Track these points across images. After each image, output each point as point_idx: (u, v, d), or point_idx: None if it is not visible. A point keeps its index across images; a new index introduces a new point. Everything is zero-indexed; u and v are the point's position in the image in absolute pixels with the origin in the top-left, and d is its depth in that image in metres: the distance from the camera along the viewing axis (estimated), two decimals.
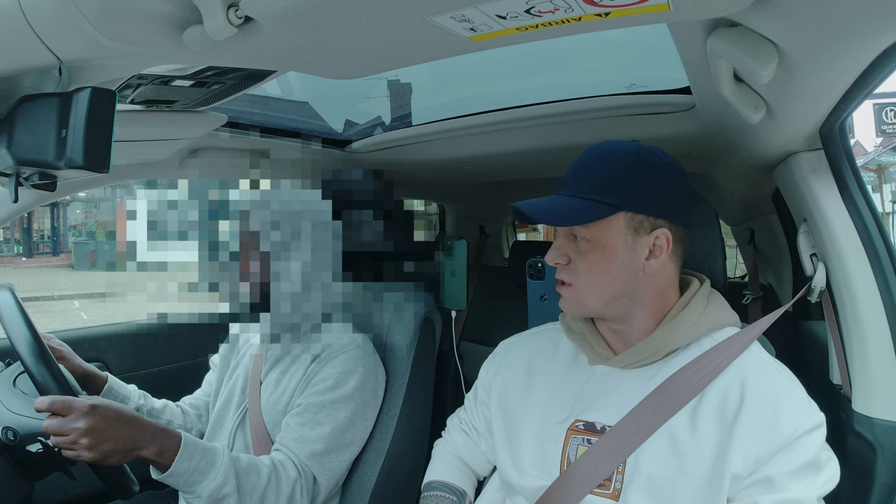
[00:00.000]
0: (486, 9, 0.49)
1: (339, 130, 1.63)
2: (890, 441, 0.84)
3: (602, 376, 0.85)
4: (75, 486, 1.29)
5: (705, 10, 0.53)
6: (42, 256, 17.43)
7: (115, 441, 0.89)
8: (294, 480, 1.06)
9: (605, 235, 0.79)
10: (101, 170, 0.60)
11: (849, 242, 0.88)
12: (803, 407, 0.74)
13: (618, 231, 0.79)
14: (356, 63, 0.67)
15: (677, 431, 0.76)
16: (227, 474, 0.98)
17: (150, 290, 1.18)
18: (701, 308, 0.83)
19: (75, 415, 0.87)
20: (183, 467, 0.95)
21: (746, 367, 0.78)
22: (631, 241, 0.79)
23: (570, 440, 0.83)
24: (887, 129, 12.10)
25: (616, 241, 0.79)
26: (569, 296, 0.83)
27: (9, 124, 0.62)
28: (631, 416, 0.79)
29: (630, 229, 0.79)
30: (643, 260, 0.79)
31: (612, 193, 0.78)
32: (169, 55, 0.64)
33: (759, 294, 1.62)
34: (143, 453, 0.92)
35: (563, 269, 0.83)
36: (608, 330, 0.87)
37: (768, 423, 0.72)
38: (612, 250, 0.79)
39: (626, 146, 0.81)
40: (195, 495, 0.97)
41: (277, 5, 0.48)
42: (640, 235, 0.79)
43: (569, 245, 0.82)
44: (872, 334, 0.87)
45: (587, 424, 0.83)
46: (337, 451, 1.12)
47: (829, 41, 0.54)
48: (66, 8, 0.49)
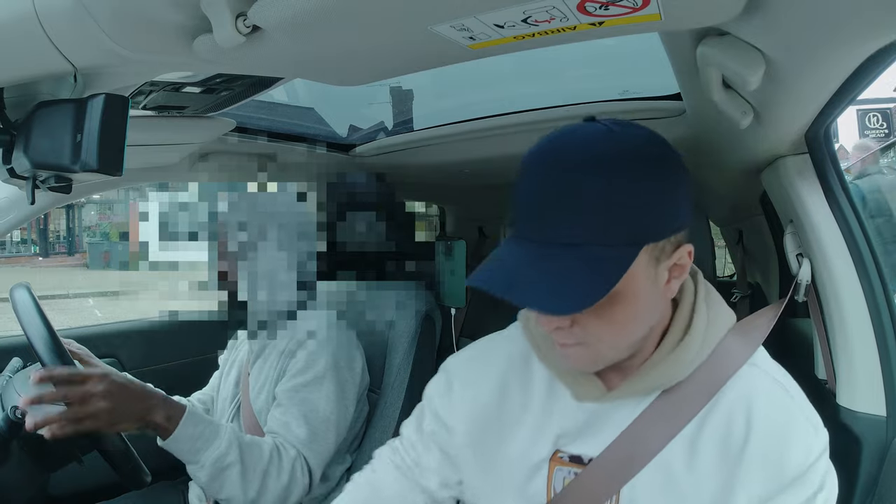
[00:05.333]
0: (485, 18, 0.49)
1: (344, 135, 1.63)
2: (873, 434, 0.84)
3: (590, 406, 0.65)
4: (89, 477, 1.29)
5: (695, 20, 0.53)
6: (58, 256, 17.43)
7: (128, 405, 0.91)
8: (294, 459, 1.05)
9: (624, 285, 0.53)
10: (114, 173, 0.60)
11: (833, 243, 0.88)
12: (811, 433, 0.60)
13: (640, 271, 0.55)
14: (360, 70, 0.67)
15: (674, 465, 0.61)
16: (230, 443, 0.98)
17: (162, 289, 1.18)
18: (704, 320, 0.63)
19: (94, 380, 0.89)
20: (188, 432, 0.95)
21: (752, 388, 0.61)
22: (653, 273, 0.57)
23: (556, 472, 0.66)
24: (870, 134, 12.09)
25: (639, 284, 0.55)
26: (580, 356, 0.60)
27: (26, 129, 0.62)
28: (621, 443, 0.62)
29: (652, 261, 0.56)
30: (664, 285, 0.58)
31: (627, 223, 0.53)
32: (180, 63, 0.64)
33: (747, 293, 1.62)
34: (153, 417, 0.93)
35: (566, 332, 0.58)
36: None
37: (777, 460, 0.58)
38: (635, 296, 0.56)
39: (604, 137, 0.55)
40: (199, 465, 0.96)
41: (284, 15, 0.48)
42: (662, 261, 0.57)
43: None
44: (856, 331, 0.87)
45: (573, 457, 0.66)
46: (321, 434, 1.10)
47: (814, 49, 0.54)
48: (82, 18, 0.49)
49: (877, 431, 0.84)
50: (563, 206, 0.53)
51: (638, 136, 0.57)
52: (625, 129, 0.57)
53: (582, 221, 0.53)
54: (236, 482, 0.98)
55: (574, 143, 0.55)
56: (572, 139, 0.56)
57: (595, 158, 0.53)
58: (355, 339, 1.24)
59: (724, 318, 0.66)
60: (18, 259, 16.51)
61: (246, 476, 0.99)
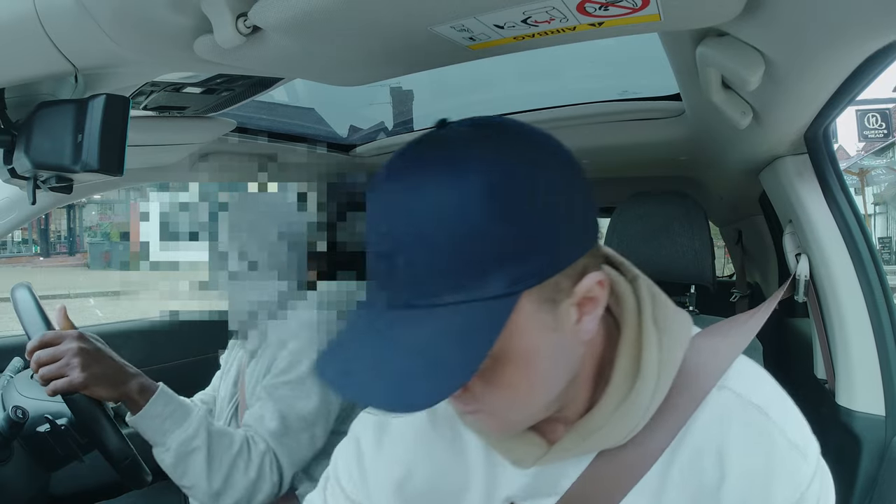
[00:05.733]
0: (485, 19, 0.49)
1: (344, 135, 1.63)
2: (872, 433, 0.84)
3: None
4: (90, 476, 1.29)
5: (695, 21, 0.53)
6: (59, 256, 17.44)
7: (102, 367, 0.90)
8: (263, 453, 1.03)
9: (507, 343, 0.41)
10: (115, 173, 0.60)
11: (832, 243, 0.88)
12: (797, 460, 0.49)
13: (527, 321, 0.41)
14: (360, 71, 0.67)
15: None
16: (198, 428, 0.96)
17: (163, 289, 1.18)
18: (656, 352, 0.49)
19: (68, 339, 0.88)
20: (157, 410, 0.93)
21: (722, 420, 0.49)
22: (550, 319, 0.42)
23: None
24: (869, 135, 12.11)
25: (530, 338, 0.42)
26: (487, 423, 0.48)
27: (27, 130, 0.62)
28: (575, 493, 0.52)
29: (546, 305, 0.42)
30: (573, 325, 0.44)
31: (496, 270, 0.39)
32: (180, 63, 0.64)
33: (746, 292, 1.62)
34: (128, 387, 0.92)
35: (459, 399, 0.46)
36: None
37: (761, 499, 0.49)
38: (530, 353, 0.43)
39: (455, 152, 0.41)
40: (165, 447, 0.94)
41: (284, 16, 0.48)
42: (561, 300, 0.43)
43: None
44: (855, 331, 0.87)
45: None
46: (294, 431, 1.07)
47: (813, 50, 0.54)
48: (82, 18, 0.49)
49: (876, 431, 0.84)
50: (404, 259, 0.40)
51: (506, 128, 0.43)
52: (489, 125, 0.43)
53: (428, 280, 0.40)
54: (201, 469, 0.96)
55: (419, 166, 0.42)
56: (413, 163, 0.42)
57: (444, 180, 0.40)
58: None
59: (682, 333, 0.52)
60: (19, 259, 16.52)
61: (211, 465, 0.97)
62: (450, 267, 0.39)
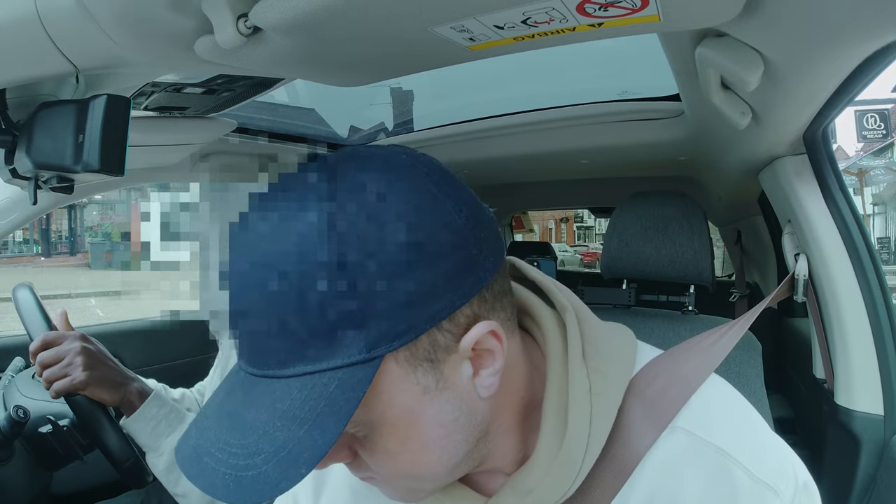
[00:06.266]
0: (485, 20, 0.49)
1: (344, 136, 1.63)
2: (871, 433, 0.84)
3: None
4: (91, 476, 1.29)
5: (694, 21, 0.53)
6: (60, 256, 17.44)
7: (104, 368, 0.90)
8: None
9: (380, 407, 0.36)
10: (116, 173, 0.60)
11: (831, 243, 0.88)
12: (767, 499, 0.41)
13: (399, 385, 0.36)
14: (360, 71, 0.67)
15: None
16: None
17: (163, 289, 1.18)
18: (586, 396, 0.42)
19: (70, 338, 0.88)
20: (152, 412, 0.92)
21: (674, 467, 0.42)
22: (433, 381, 0.37)
23: None
24: (868, 135, 12.11)
25: (407, 402, 0.36)
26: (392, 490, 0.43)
27: (28, 130, 0.62)
28: None
29: (422, 365, 0.36)
30: (469, 381, 0.39)
31: (347, 334, 0.34)
32: (181, 64, 0.64)
33: (745, 292, 1.62)
34: (128, 389, 0.92)
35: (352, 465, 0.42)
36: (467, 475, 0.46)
37: None
38: (411, 418, 0.37)
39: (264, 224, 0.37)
40: (158, 452, 0.93)
41: (285, 16, 0.48)
42: (443, 359, 0.37)
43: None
44: (854, 330, 0.87)
45: None
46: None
47: (812, 51, 0.54)
48: (83, 19, 0.49)
49: (874, 430, 0.84)
50: (242, 316, 0.36)
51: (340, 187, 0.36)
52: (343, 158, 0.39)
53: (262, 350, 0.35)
54: None
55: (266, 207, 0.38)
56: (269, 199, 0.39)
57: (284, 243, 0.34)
58: None
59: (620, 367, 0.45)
60: (21, 259, 16.51)
61: None
62: (294, 332, 0.33)
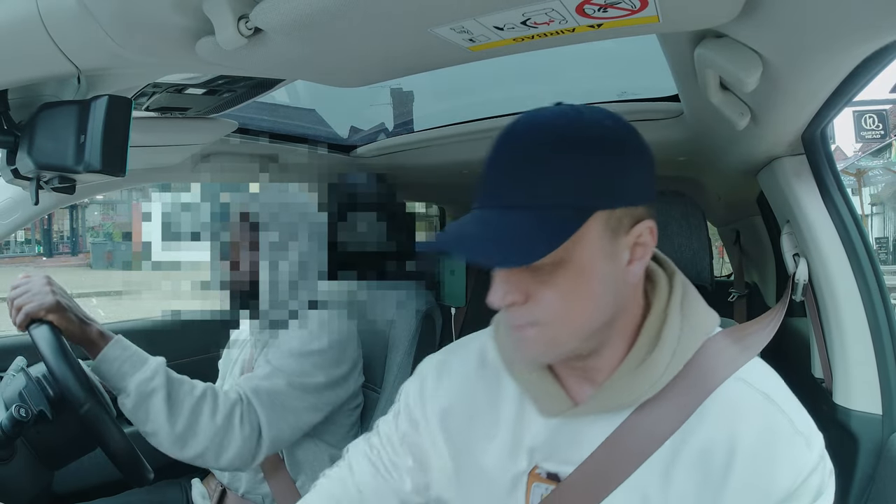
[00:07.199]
0: (485, 20, 0.49)
1: (345, 136, 1.63)
2: (869, 432, 0.84)
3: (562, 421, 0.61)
4: (92, 475, 1.29)
5: (693, 22, 0.53)
6: (61, 256, 17.44)
7: (69, 301, 0.96)
8: (234, 403, 1.01)
9: (577, 251, 0.52)
10: (117, 173, 0.60)
11: (830, 243, 0.88)
12: (802, 450, 0.54)
13: (593, 240, 0.52)
14: (361, 72, 0.67)
15: (649, 489, 0.56)
16: (156, 371, 0.97)
17: (165, 289, 1.18)
18: (676, 330, 0.57)
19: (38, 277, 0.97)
20: (116, 353, 0.95)
21: (736, 409, 0.55)
22: (609, 247, 0.53)
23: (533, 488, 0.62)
24: (866, 136, 12.10)
25: (593, 255, 0.52)
26: (536, 337, 0.55)
27: (30, 130, 0.62)
28: (590, 463, 0.58)
29: (608, 232, 0.53)
30: (625, 266, 0.54)
31: (576, 189, 0.52)
32: (182, 65, 0.64)
33: (744, 292, 1.62)
34: (90, 328, 0.97)
35: (520, 310, 0.54)
36: (569, 371, 0.61)
37: (764, 485, 0.53)
38: (589, 268, 0.53)
39: (561, 116, 0.55)
40: (125, 393, 0.95)
41: (285, 17, 0.48)
42: (619, 236, 0.54)
43: (521, 277, 0.53)
44: (852, 330, 0.87)
45: (550, 474, 0.61)
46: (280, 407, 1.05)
47: (810, 52, 0.54)
48: (85, 20, 0.50)
49: (872, 429, 0.84)
50: (516, 174, 0.53)
51: (595, 116, 0.55)
52: (588, 111, 0.56)
53: (533, 186, 0.52)
54: (161, 411, 0.95)
55: (535, 121, 0.56)
56: (535, 118, 0.56)
57: (549, 133, 0.54)
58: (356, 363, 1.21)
59: (704, 324, 0.60)
60: (22, 259, 16.51)
61: (172, 407, 0.96)
62: (551, 187, 0.52)
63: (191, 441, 0.97)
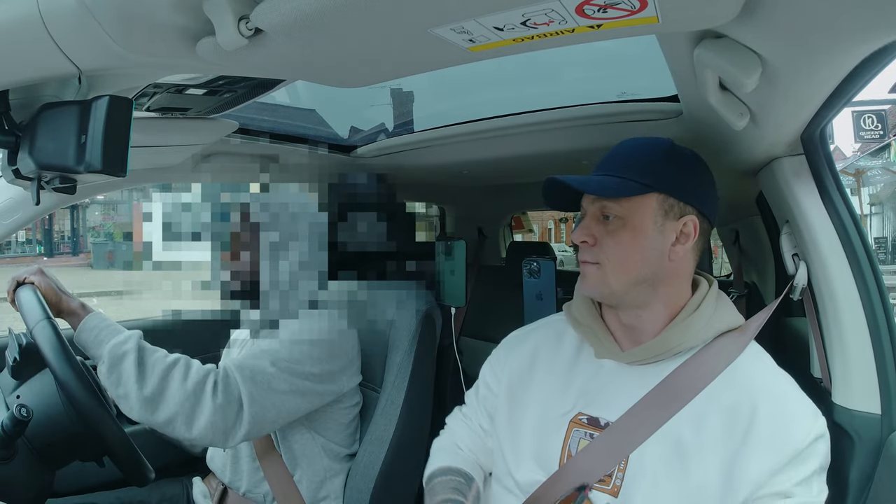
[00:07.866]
0: (484, 21, 0.49)
1: (345, 136, 1.63)
2: (868, 431, 0.84)
3: (609, 371, 0.81)
4: (93, 474, 1.29)
5: (692, 23, 0.53)
6: (62, 256, 17.43)
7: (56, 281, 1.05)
8: (208, 371, 1.02)
9: (636, 214, 0.76)
10: (118, 174, 0.60)
11: (829, 243, 0.88)
12: (811, 417, 0.73)
13: (649, 211, 0.76)
14: (361, 72, 0.67)
15: (682, 434, 0.73)
16: (129, 336, 1.00)
17: (165, 289, 1.18)
18: (711, 310, 0.80)
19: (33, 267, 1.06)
20: (95, 322, 1.02)
21: (758, 376, 0.76)
22: (661, 223, 0.77)
23: (573, 433, 0.79)
24: (865, 136, 12.09)
25: (646, 221, 0.76)
26: (594, 274, 0.79)
27: (31, 131, 0.62)
28: (633, 411, 0.76)
29: (661, 211, 0.77)
30: (670, 245, 0.77)
31: (646, 174, 0.77)
32: (183, 65, 0.64)
33: (743, 292, 1.62)
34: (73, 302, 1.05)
35: (589, 250, 0.79)
36: (618, 324, 0.83)
37: (782, 435, 0.70)
38: (642, 230, 0.76)
39: (659, 139, 0.82)
40: (102, 360, 0.98)
41: (286, 18, 0.48)
42: (670, 219, 0.77)
43: (597, 225, 0.79)
44: (851, 329, 0.87)
45: (591, 419, 0.79)
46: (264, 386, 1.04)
47: (809, 52, 0.54)
48: (86, 21, 0.50)
49: (871, 429, 0.84)
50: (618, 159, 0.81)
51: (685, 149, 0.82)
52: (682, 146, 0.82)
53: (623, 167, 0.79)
54: (131, 374, 0.96)
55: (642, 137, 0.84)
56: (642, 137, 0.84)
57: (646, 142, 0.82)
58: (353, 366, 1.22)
59: (732, 315, 0.81)
60: (23, 259, 16.49)
61: (143, 370, 0.97)
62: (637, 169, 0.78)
63: (161, 405, 0.97)
